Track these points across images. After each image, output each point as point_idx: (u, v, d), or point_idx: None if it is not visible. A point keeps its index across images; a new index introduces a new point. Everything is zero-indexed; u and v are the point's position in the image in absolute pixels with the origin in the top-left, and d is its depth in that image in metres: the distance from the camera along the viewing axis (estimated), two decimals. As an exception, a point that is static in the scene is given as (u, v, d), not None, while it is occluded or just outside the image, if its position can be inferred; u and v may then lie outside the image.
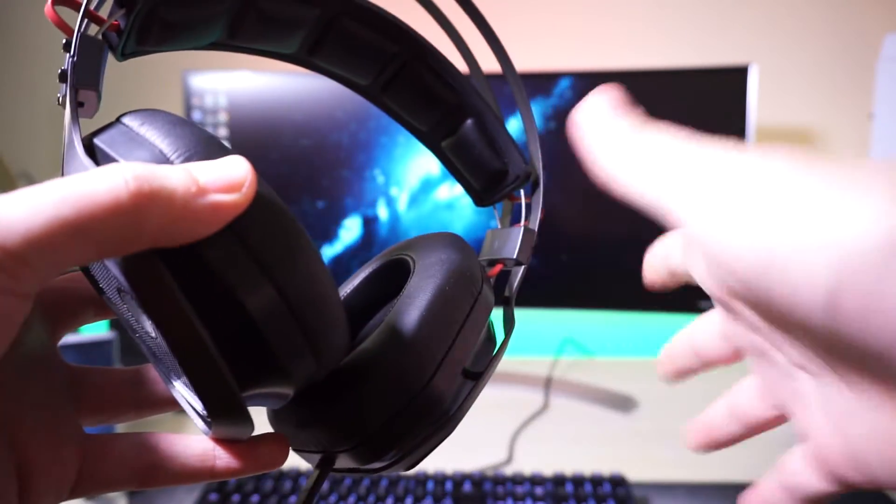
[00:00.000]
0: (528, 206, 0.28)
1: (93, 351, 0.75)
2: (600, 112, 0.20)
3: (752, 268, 0.16)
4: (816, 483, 0.22)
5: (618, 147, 0.19)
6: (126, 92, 0.77)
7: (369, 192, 0.93)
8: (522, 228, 0.26)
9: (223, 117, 0.92)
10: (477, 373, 0.23)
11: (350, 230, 0.94)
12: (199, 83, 0.92)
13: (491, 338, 0.25)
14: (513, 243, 0.26)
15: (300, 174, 0.92)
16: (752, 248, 0.16)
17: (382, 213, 0.93)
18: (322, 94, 0.91)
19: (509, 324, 0.25)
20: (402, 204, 0.92)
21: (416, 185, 0.92)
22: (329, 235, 0.94)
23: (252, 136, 0.92)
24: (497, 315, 0.25)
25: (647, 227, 0.24)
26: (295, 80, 0.91)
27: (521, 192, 0.28)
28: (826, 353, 0.18)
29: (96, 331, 0.81)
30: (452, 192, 0.92)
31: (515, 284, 0.26)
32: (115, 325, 0.83)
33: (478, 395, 0.23)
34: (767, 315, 0.18)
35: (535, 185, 0.28)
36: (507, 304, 0.26)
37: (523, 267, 0.26)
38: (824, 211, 0.14)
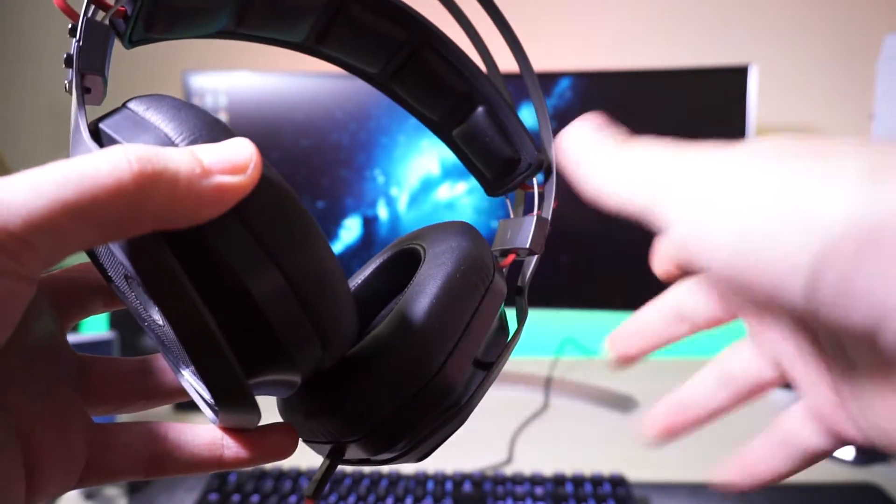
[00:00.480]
0: (541, 195, 0.27)
1: (93, 350, 0.75)
2: (584, 133, 0.21)
3: (730, 260, 0.16)
4: (815, 439, 0.22)
5: (603, 161, 0.20)
6: (126, 92, 0.77)
7: (369, 192, 0.93)
8: (535, 217, 0.26)
9: (223, 117, 0.92)
10: (488, 363, 0.23)
11: (350, 230, 0.94)
12: (199, 83, 0.92)
13: (503, 327, 0.25)
14: (525, 233, 0.26)
15: (300, 174, 0.92)
16: (730, 241, 0.16)
17: (382, 213, 0.93)
18: (322, 94, 0.91)
19: (522, 314, 0.25)
20: (402, 204, 0.92)
21: (416, 185, 0.92)
22: (329, 235, 0.94)
23: (252, 136, 0.91)
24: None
25: (647, 228, 0.24)
26: (295, 80, 0.91)
27: (534, 180, 0.28)
28: (812, 335, 0.19)
29: (97, 330, 0.81)
30: (453, 191, 0.92)
31: (528, 274, 0.26)
32: (115, 324, 0.83)
33: (490, 385, 0.23)
34: (753, 302, 0.19)
35: (548, 173, 0.27)
36: (520, 294, 0.25)
37: (536, 256, 0.26)
38: (798, 200, 0.15)
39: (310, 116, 0.91)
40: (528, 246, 0.25)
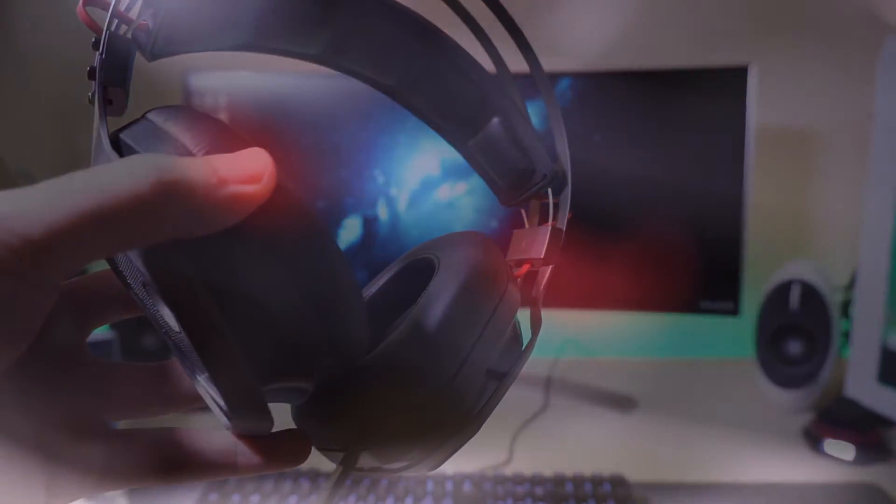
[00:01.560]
0: (556, 206, 0.27)
1: (93, 351, 0.75)
2: None
3: None
4: None
5: None
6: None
7: (369, 192, 0.93)
8: (550, 228, 0.26)
9: (223, 117, 0.92)
10: (501, 372, 0.23)
11: (350, 230, 0.94)
12: (199, 83, 0.92)
13: (517, 337, 0.25)
14: (540, 243, 0.26)
15: (300, 174, 0.92)
16: None
17: (382, 213, 0.93)
18: (322, 94, 0.91)
19: (536, 324, 0.25)
20: (402, 204, 0.92)
21: (416, 185, 0.92)
22: (329, 235, 0.94)
23: (252, 136, 0.92)
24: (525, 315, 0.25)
25: (647, 228, 0.24)
26: (295, 80, 0.91)
27: (549, 191, 0.28)
28: None
29: (97, 331, 0.81)
30: (453, 191, 0.92)
31: (542, 284, 0.26)
32: (115, 324, 0.83)
33: (502, 394, 0.23)
34: None
35: (563, 183, 0.28)
36: (535, 305, 0.25)
37: (551, 267, 0.26)
38: None
39: (310, 116, 0.91)
40: (542, 257, 0.25)
